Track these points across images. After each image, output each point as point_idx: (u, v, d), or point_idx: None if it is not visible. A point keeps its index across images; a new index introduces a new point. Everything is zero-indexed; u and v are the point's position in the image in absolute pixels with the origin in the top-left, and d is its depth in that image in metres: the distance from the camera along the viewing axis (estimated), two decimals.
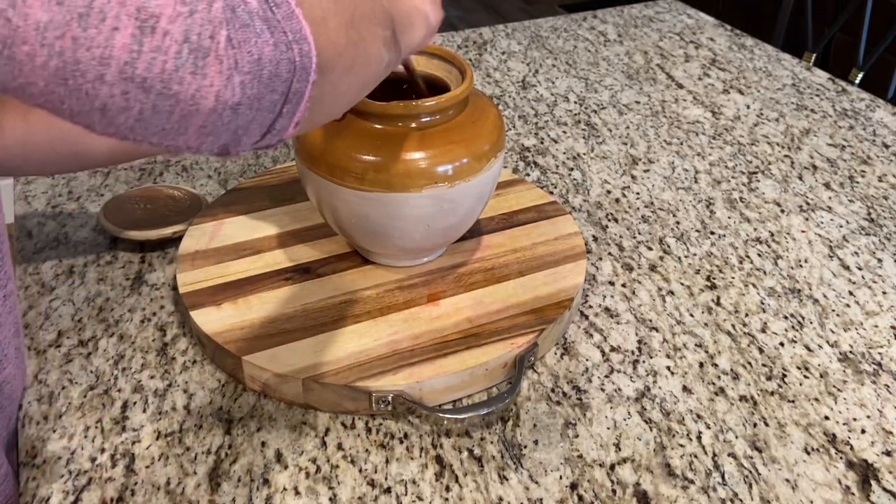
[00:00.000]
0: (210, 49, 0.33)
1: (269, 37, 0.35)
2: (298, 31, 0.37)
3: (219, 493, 0.55)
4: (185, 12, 0.32)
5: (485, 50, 1.25)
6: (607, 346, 0.68)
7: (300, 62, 0.37)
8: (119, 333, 0.68)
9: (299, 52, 0.37)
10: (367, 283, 0.69)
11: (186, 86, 0.34)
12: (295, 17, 0.37)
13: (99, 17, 0.31)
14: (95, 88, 0.32)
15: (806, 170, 0.95)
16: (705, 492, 0.56)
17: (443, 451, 0.58)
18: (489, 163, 0.65)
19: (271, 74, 0.36)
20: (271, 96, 0.37)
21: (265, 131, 0.39)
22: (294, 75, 0.37)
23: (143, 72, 0.32)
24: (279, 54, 0.36)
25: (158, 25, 0.32)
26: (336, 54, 0.41)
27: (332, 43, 0.40)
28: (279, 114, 0.38)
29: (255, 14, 0.35)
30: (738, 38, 1.32)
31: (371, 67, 0.46)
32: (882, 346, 0.69)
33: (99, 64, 0.32)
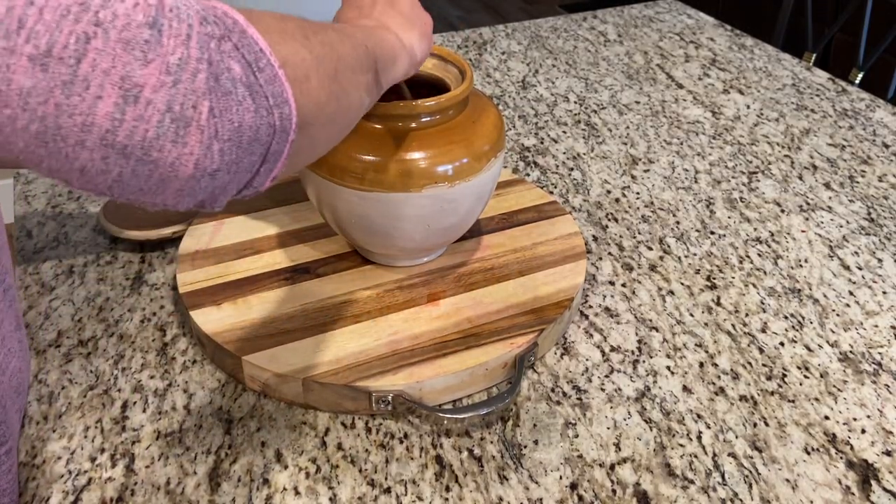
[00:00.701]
0: (192, 119, 0.34)
1: (251, 103, 0.36)
2: (280, 95, 0.38)
3: (219, 493, 0.55)
4: (170, 82, 0.33)
5: (485, 50, 1.25)
6: (607, 346, 0.68)
7: (280, 125, 0.38)
8: (119, 333, 0.68)
9: (279, 115, 0.38)
10: (367, 283, 0.69)
11: (166, 153, 0.34)
12: (277, 79, 0.37)
13: (83, 85, 0.31)
14: (76, 152, 0.33)
15: (806, 170, 0.95)
16: (705, 492, 0.56)
17: (443, 451, 0.58)
18: (489, 163, 0.65)
19: (251, 139, 0.37)
20: (250, 159, 0.38)
21: (242, 188, 0.39)
22: (273, 138, 0.38)
23: (124, 139, 0.33)
24: (259, 120, 0.37)
25: (142, 94, 0.32)
26: (317, 110, 0.42)
27: (313, 100, 0.41)
28: (256, 173, 0.39)
29: (239, 81, 0.35)
30: (738, 38, 1.32)
31: (351, 114, 0.47)
32: (882, 345, 0.69)
33: (80, 130, 0.32)
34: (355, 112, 0.47)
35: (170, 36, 0.33)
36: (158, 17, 0.33)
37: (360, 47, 0.47)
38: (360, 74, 0.47)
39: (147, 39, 0.32)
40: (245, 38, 0.37)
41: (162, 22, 0.33)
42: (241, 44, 0.36)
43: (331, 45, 0.43)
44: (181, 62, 0.33)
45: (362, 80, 0.47)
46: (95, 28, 0.31)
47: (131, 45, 0.32)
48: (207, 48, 0.34)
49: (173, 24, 0.33)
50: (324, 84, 0.42)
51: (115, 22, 0.32)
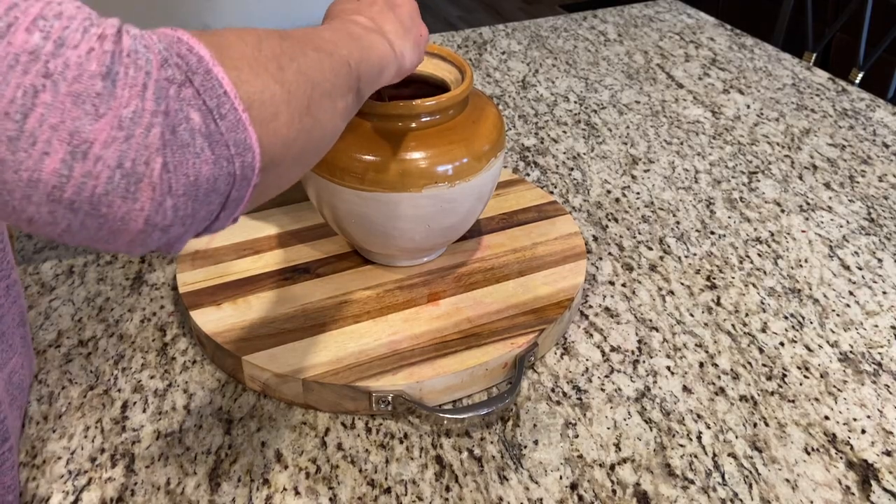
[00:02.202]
0: (144, 175, 0.32)
1: (210, 154, 0.34)
2: (242, 142, 0.36)
3: (219, 493, 0.55)
4: (121, 137, 0.31)
5: (485, 50, 1.25)
6: (607, 346, 0.68)
7: (241, 173, 0.36)
8: (119, 333, 0.68)
9: (241, 163, 0.36)
10: (367, 283, 0.69)
11: (116, 209, 0.33)
12: (240, 125, 0.36)
13: (29, 140, 0.30)
14: (22, 206, 0.32)
15: (806, 170, 0.95)
16: (705, 492, 0.56)
17: (443, 451, 0.58)
18: (489, 163, 0.65)
19: (208, 191, 0.35)
20: (207, 209, 0.36)
21: (200, 232, 0.38)
22: (233, 186, 0.36)
23: (72, 195, 0.32)
24: (218, 170, 0.35)
25: (91, 151, 0.31)
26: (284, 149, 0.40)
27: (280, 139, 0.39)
28: (216, 219, 0.38)
29: (197, 131, 0.34)
30: (738, 37, 1.32)
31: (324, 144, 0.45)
32: (882, 346, 0.69)
33: (27, 186, 0.31)
34: (328, 141, 0.46)
35: (124, 86, 0.31)
36: (114, 64, 0.31)
37: (342, 67, 0.45)
38: (339, 99, 0.45)
39: (99, 92, 0.31)
40: (209, 80, 0.35)
41: (117, 70, 0.31)
42: (203, 87, 0.34)
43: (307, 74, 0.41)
44: (135, 115, 0.32)
45: (339, 106, 0.45)
46: (44, 80, 0.30)
47: (82, 99, 0.31)
48: (165, 97, 0.33)
49: (129, 72, 0.32)
50: (294, 120, 0.40)
51: (65, 73, 0.30)
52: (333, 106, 0.44)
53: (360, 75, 0.47)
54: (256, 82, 0.37)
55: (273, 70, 0.39)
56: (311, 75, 0.42)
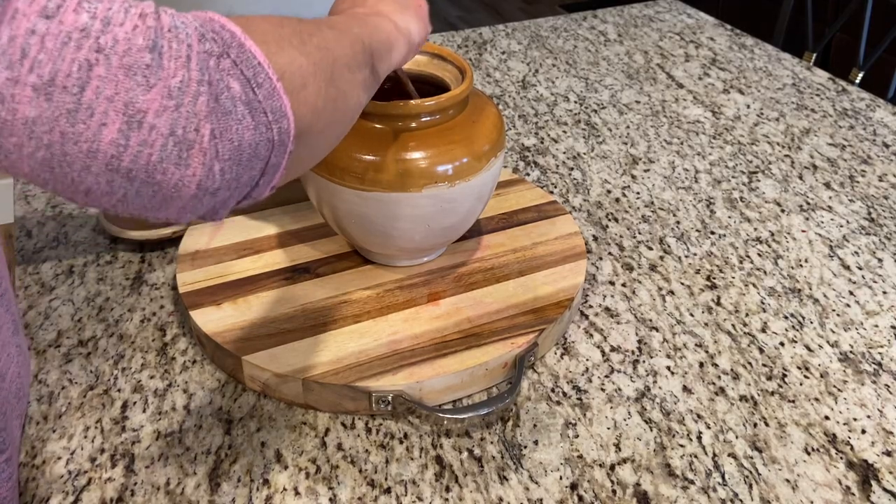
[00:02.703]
0: (195, 142, 0.34)
1: (251, 121, 0.36)
2: (278, 109, 0.38)
3: (219, 493, 0.55)
4: (172, 106, 0.33)
5: (485, 50, 1.25)
6: (607, 346, 0.68)
7: (278, 139, 0.38)
8: (119, 333, 0.68)
9: (278, 129, 0.38)
10: (367, 283, 0.69)
11: (170, 175, 0.34)
12: (276, 94, 0.38)
13: (87, 113, 0.31)
14: (81, 177, 0.33)
15: (806, 169, 0.95)
16: (705, 492, 0.56)
17: (443, 451, 0.58)
18: (489, 163, 0.65)
19: (250, 156, 0.37)
20: (249, 174, 0.38)
21: (241, 200, 0.40)
22: (272, 152, 0.38)
23: (129, 164, 0.33)
24: (258, 136, 0.37)
25: (145, 120, 0.32)
26: (315, 117, 0.42)
27: (310, 108, 0.41)
28: (256, 185, 0.40)
29: (238, 99, 0.36)
30: (738, 37, 1.32)
31: (349, 115, 0.47)
32: (882, 345, 0.69)
33: (86, 157, 0.32)
34: (353, 112, 0.47)
35: (170, 58, 0.33)
36: (158, 39, 0.33)
37: (356, 44, 0.47)
38: (358, 72, 0.47)
39: (148, 64, 0.32)
40: (243, 52, 0.37)
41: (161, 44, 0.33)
42: (239, 59, 0.36)
43: (327, 48, 0.43)
44: (182, 85, 0.33)
45: (359, 79, 0.47)
46: (97, 55, 0.31)
47: (133, 71, 0.32)
48: (207, 68, 0.34)
49: (173, 46, 0.33)
50: (321, 90, 0.42)
51: (115, 48, 0.32)
52: (354, 77, 0.46)
53: (372, 52, 0.49)
54: (284, 55, 0.39)
55: (297, 44, 0.41)
56: (331, 49, 0.43)
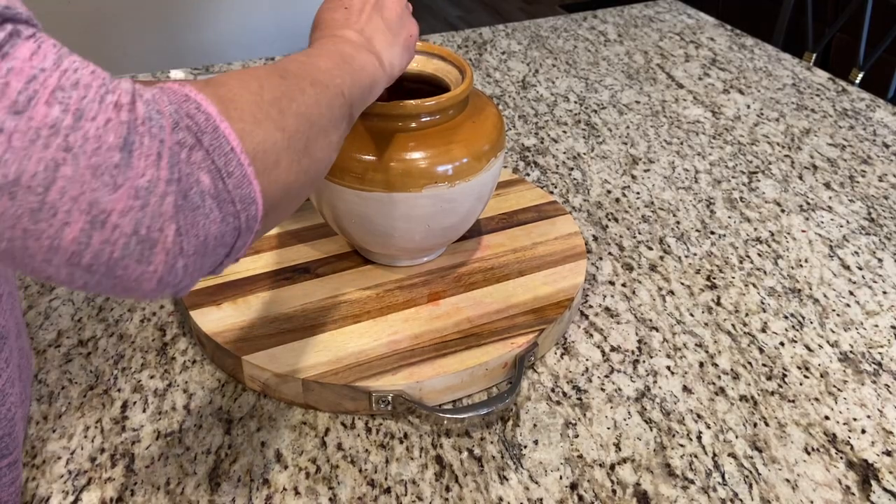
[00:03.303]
0: (158, 240, 0.34)
1: (218, 213, 0.36)
2: (247, 197, 0.37)
3: (219, 493, 0.55)
4: (137, 206, 0.33)
5: (485, 50, 1.25)
6: (607, 346, 0.68)
7: (246, 226, 0.38)
8: (119, 333, 0.68)
9: (246, 217, 0.38)
10: (367, 283, 0.69)
11: (131, 271, 0.34)
12: (246, 181, 0.37)
13: (50, 212, 0.31)
14: (42, 267, 0.33)
15: (806, 169, 0.95)
16: (705, 492, 0.56)
17: (443, 451, 0.58)
18: (489, 163, 0.65)
19: (216, 246, 0.37)
20: (214, 260, 0.38)
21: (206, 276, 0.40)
22: (238, 238, 0.38)
23: (90, 260, 0.33)
24: (225, 227, 0.37)
25: (109, 220, 0.32)
26: (285, 192, 0.41)
27: (282, 185, 0.40)
28: (220, 264, 0.39)
29: (207, 193, 0.35)
30: (738, 38, 1.32)
31: (320, 177, 0.46)
32: (882, 345, 0.69)
33: (47, 252, 0.32)
34: (323, 174, 0.47)
35: (140, 156, 0.32)
36: (130, 135, 0.32)
37: (337, 98, 0.46)
38: (334, 132, 0.46)
39: (117, 163, 0.32)
40: (217, 139, 0.36)
41: (133, 140, 0.32)
42: (212, 146, 0.36)
43: (306, 115, 0.43)
44: (150, 185, 0.33)
45: (334, 139, 0.46)
46: (65, 154, 0.31)
47: (101, 171, 0.31)
48: (177, 163, 0.34)
49: (144, 142, 0.33)
50: (293, 163, 0.41)
51: (85, 146, 0.31)
52: (329, 141, 0.46)
53: (352, 102, 0.49)
54: (259, 132, 0.39)
55: (275, 116, 0.40)
56: (310, 115, 0.43)
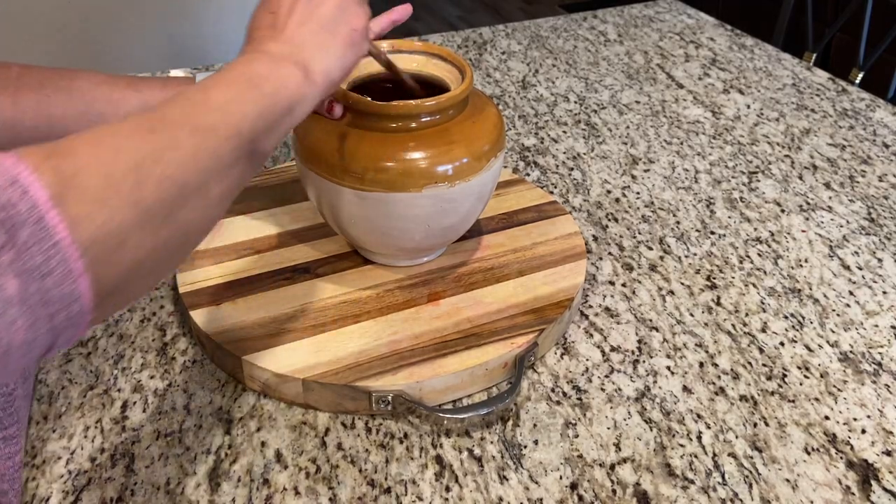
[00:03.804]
0: None
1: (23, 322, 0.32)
2: (69, 296, 0.33)
3: (219, 493, 0.55)
4: None
5: (485, 50, 1.25)
6: (607, 346, 0.68)
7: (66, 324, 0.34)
8: (119, 333, 0.68)
9: (66, 316, 0.33)
10: (367, 283, 0.69)
11: None
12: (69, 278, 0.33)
13: None
14: None
15: (806, 169, 0.95)
16: (705, 492, 0.56)
17: (443, 451, 0.58)
18: (489, 163, 0.65)
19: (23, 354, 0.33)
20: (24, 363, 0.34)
21: None
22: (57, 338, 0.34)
23: None
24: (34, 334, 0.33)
25: None
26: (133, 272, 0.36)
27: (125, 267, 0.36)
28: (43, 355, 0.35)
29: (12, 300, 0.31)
30: (738, 38, 1.32)
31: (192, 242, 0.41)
32: (882, 345, 0.69)
33: None
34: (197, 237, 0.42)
35: None
36: None
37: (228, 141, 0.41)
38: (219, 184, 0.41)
39: None
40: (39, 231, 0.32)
41: None
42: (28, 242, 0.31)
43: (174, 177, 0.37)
44: None
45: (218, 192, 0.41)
46: None
47: None
48: None
49: None
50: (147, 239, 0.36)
51: None
52: (208, 198, 0.40)
53: (255, 136, 0.43)
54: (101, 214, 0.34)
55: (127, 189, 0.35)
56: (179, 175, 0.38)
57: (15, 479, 0.53)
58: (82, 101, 0.65)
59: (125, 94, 0.68)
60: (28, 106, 0.63)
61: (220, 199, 0.42)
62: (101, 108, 0.67)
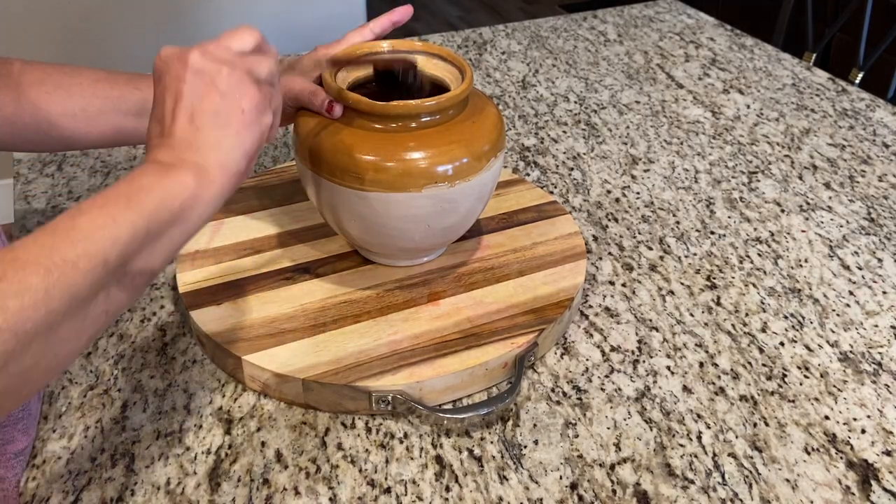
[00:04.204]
0: None
1: None
2: None
3: (219, 493, 0.55)
4: None
5: (485, 50, 1.25)
6: (607, 346, 0.68)
7: None
8: (119, 333, 0.68)
9: None
10: (367, 283, 0.69)
11: None
12: None
13: None
14: None
15: (806, 170, 0.95)
16: (705, 492, 0.56)
17: (443, 451, 0.58)
18: (489, 163, 0.65)
19: None
20: None
21: None
22: None
23: None
24: None
25: None
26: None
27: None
28: None
29: None
30: (738, 38, 1.32)
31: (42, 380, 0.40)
32: (882, 345, 0.69)
33: None
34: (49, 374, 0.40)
35: None
36: None
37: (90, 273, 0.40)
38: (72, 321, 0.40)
39: None
40: None
41: None
42: None
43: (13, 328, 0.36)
44: None
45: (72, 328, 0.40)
46: None
47: None
48: None
49: None
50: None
51: None
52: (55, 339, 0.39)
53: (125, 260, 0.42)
54: None
55: None
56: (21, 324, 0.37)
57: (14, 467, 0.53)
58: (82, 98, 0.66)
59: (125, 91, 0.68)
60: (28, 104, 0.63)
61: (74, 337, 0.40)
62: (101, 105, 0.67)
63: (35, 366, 0.38)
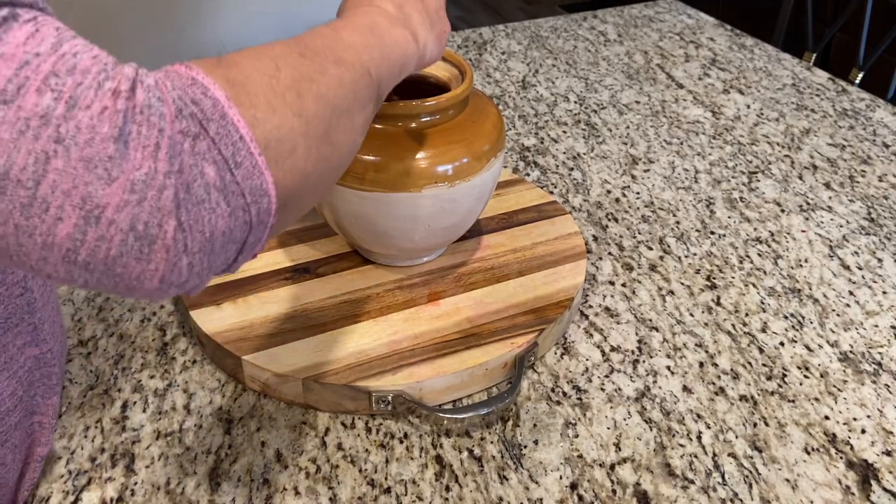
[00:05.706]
0: (157, 237, 0.32)
1: (225, 207, 0.34)
2: (258, 189, 0.35)
3: (219, 493, 0.55)
4: (134, 200, 0.31)
5: (485, 50, 1.25)
6: (607, 346, 0.68)
7: (257, 220, 0.36)
8: (119, 333, 0.68)
9: (257, 210, 0.36)
10: (367, 283, 0.69)
11: (130, 269, 0.32)
12: (256, 171, 0.35)
13: (42, 207, 0.30)
14: (39, 265, 0.32)
15: (806, 170, 0.95)
16: (705, 492, 0.56)
17: (443, 451, 0.58)
18: (489, 163, 0.65)
19: (224, 243, 0.35)
20: (224, 258, 0.36)
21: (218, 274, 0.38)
22: (249, 233, 0.36)
23: (86, 257, 0.32)
24: (234, 222, 0.35)
25: (104, 215, 0.31)
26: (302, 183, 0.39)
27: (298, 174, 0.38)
28: (233, 262, 0.38)
29: (212, 186, 0.33)
30: (738, 38, 1.32)
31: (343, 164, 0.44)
32: (882, 345, 0.69)
33: (42, 248, 0.31)
34: (346, 161, 0.44)
35: (137, 147, 0.31)
36: (127, 123, 0.31)
37: (363, 78, 0.43)
38: (358, 114, 0.43)
39: (111, 155, 0.30)
40: (224, 126, 0.34)
41: (130, 130, 0.31)
42: (218, 135, 0.34)
43: (326, 97, 0.40)
44: (147, 178, 0.31)
45: (358, 122, 0.44)
46: (56, 146, 0.30)
47: (94, 164, 0.30)
48: (180, 153, 0.32)
49: (142, 132, 0.31)
50: (312, 150, 0.39)
51: (77, 137, 0.30)
52: (352, 125, 0.43)
53: (380, 82, 0.46)
54: (273, 118, 0.36)
55: (291, 100, 0.38)
56: (331, 98, 0.40)
57: None
58: None
59: None
60: None
61: (360, 130, 0.44)
62: None
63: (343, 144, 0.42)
